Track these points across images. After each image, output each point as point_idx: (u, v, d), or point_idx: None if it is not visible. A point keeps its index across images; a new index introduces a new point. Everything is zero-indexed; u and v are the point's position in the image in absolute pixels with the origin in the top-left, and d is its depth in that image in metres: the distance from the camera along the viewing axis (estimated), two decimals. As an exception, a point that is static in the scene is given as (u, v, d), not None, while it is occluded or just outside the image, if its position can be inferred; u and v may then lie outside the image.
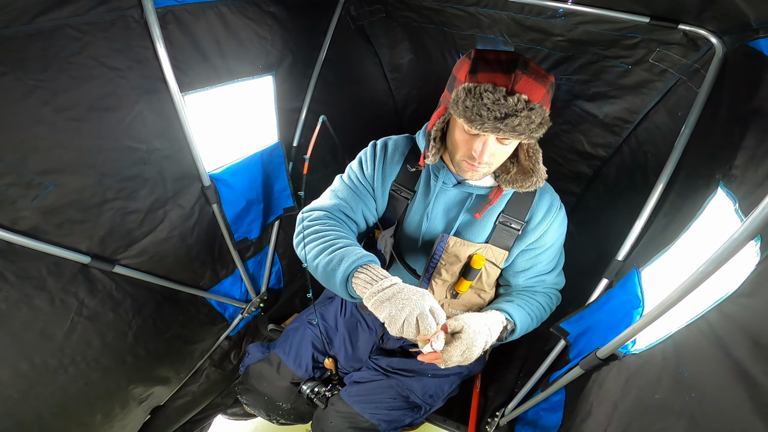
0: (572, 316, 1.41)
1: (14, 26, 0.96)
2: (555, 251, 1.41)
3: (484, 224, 1.33)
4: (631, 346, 1.08)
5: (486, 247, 1.33)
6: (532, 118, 0.99)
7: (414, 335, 1.00)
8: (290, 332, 1.71)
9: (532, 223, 1.33)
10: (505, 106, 0.98)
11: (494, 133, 1.02)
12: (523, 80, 0.99)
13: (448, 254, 1.33)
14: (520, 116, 0.98)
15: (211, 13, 1.40)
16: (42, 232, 1.19)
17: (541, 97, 1.01)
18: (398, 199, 1.39)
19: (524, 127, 1.00)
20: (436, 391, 1.51)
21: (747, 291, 0.70)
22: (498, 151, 1.12)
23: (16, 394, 1.24)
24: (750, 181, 0.88)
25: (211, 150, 1.61)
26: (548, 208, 1.33)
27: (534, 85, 1.00)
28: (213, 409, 2.26)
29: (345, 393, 1.49)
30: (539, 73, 1.02)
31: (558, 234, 1.39)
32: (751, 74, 1.12)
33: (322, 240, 1.21)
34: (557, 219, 1.36)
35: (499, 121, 0.99)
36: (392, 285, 1.05)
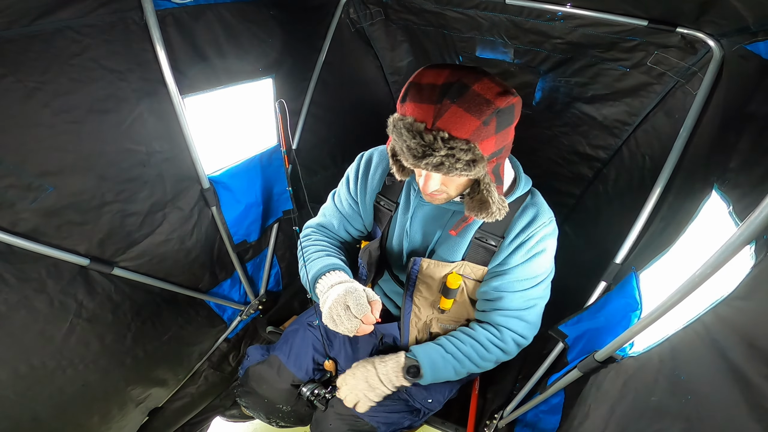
0: (570, 319, 1.41)
1: (14, 28, 0.96)
2: (527, 269, 1.22)
3: (460, 241, 1.27)
4: (629, 349, 1.08)
5: (463, 264, 1.28)
6: (457, 156, 0.89)
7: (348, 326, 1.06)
8: (290, 334, 1.70)
9: (508, 238, 1.22)
10: (422, 145, 0.90)
11: (421, 168, 0.96)
12: (448, 112, 0.88)
13: (423, 276, 1.33)
14: (438, 155, 0.90)
15: (211, 16, 1.41)
16: (41, 235, 1.19)
17: (471, 132, 0.88)
18: (382, 210, 1.39)
19: (448, 167, 0.91)
20: (435, 396, 1.51)
21: (742, 294, 0.70)
22: (446, 182, 1.05)
23: (14, 395, 1.24)
24: (744, 184, 0.88)
25: (211, 152, 1.61)
26: (528, 223, 1.21)
27: (461, 118, 0.88)
28: (211, 411, 2.25)
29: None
30: (479, 100, 0.89)
31: (534, 249, 1.20)
32: (748, 77, 1.13)
33: (307, 253, 1.33)
34: (536, 234, 1.19)
35: (418, 160, 0.92)
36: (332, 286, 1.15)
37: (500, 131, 0.94)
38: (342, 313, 1.06)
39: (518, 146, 2.52)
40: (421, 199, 1.30)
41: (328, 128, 2.25)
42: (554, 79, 1.95)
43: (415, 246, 1.37)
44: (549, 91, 2.04)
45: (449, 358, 1.30)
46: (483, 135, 0.90)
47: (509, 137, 1.01)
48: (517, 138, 2.53)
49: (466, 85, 0.89)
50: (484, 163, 0.94)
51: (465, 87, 0.89)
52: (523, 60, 1.93)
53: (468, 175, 0.95)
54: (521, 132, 2.36)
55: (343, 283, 1.16)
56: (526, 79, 2.03)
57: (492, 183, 1.02)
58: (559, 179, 2.43)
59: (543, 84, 2.02)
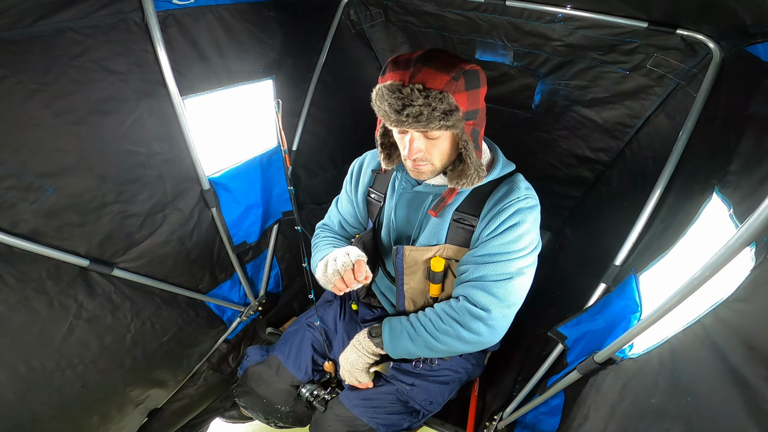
0: (570, 321, 1.42)
1: (16, 29, 0.97)
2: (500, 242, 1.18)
3: (441, 224, 1.29)
4: (628, 351, 1.08)
5: (445, 247, 1.30)
6: (433, 105, 0.98)
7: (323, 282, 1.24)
8: (289, 335, 1.71)
9: (482, 216, 1.24)
10: (401, 98, 0.99)
11: (401, 126, 1.04)
12: (422, 72, 0.99)
13: (408, 264, 1.35)
14: (417, 105, 0.98)
15: (211, 17, 1.41)
16: (41, 236, 1.19)
17: (444, 84, 0.98)
18: (373, 203, 1.47)
19: (426, 116, 0.99)
20: (435, 398, 1.50)
21: (742, 296, 0.70)
22: (429, 146, 1.11)
23: (13, 395, 1.24)
24: (744, 187, 0.88)
25: (211, 154, 1.61)
26: (501, 197, 1.22)
27: (434, 74, 0.99)
28: (211, 413, 2.25)
29: (344, 397, 1.48)
30: (446, 62, 1.01)
31: (509, 222, 1.18)
32: (748, 79, 1.13)
33: (315, 247, 1.49)
34: (510, 207, 1.18)
35: (399, 114, 1.01)
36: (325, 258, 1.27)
37: (470, 90, 1.03)
38: (324, 272, 1.22)
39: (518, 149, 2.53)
40: (405, 185, 1.35)
41: (328, 129, 2.25)
42: (554, 82, 1.95)
43: (401, 233, 1.40)
44: (548, 94, 2.04)
45: (407, 324, 1.29)
46: (454, 88, 0.99)
47: (480, 101, 1.09)
48: (516, 141, 2.55)
49: (434, 55, 1.03)
50: (460, 116, 1.02)
51: (434, 55, 1.03)
52: (523, 63, 1.93)
53: (448, 124, 1.01)
54: (521, 135, 2.39)
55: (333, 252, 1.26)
56: (526, 82, 2.03)
57: (470, 142, 1.09)
58: (559, 182, 2.43)
59: (542, 87, 2.02)
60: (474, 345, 1.21)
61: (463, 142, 1.09)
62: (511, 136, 2.43)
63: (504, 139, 2.44)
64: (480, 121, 1.12)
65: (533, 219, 1.21)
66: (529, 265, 1.21)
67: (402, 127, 1.05)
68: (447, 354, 1.27)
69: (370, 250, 1.47)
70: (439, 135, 1.08)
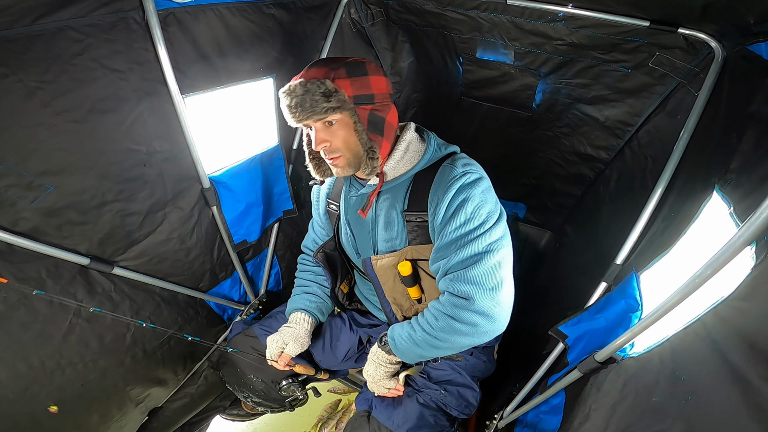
0: (570, 320, 1.41)
1: (16, 28, 0.96)
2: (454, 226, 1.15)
3: (393, 228, 1.30)
4: (629, 350, 1.08)
5: (409, 249, 1.29)
6: (312, 90, 1.07)
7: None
8: (275, 314, 1.78)
9: (430, 206, 1.22)
10: (288, 94, 1.10)
11: (296, 118, 1.11)
12: (307, 71, 1.11)
13: (380, 273, 1.37)
14: (299, 95, 1.08)
15: (212, 15, 1.41)
16: (42, 234, 1.19)
17: (322, 74, 1.08)
18: (332, 213, 1.53)
19: (309, 102, 1.07)
20: (469, 400, 1.47)
21: (742, 294, 0.70)
22: (331, 135, 1.15)
23: (13, 394, 1.24)
24: (745, 185, 0.88)
25: (211, 152, 1.61)
26: (440, 180, 1.20)
27: (314, 69, 1.10)
28: (211, 411, 2.25)
29: (384, 417, 1.41)
30: (331, 60, 1.13)
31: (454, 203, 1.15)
32: (749, 78, 1.13)
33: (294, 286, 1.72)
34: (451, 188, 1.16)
35: (290, 108, 1.10)
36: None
37: (353, 76, 1.10)
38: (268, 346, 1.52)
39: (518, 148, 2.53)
40: (349, 191, 1.39)
41: None
42: (555, 82, 1.95)
43: (360, 240, 1.44)
44: (549, 93, 2.04)
45: (408, 329, 1.28)
46: (333, 75, 1.08)
47: (373, 88, 1.13)
48: (517, 140, 2.55)
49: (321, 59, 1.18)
50: (343, 97, 1.08)
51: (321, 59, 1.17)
52: (524, 62, 1.92)
53: (330, 106, 1.08)
54: (521, 134, 2.38)
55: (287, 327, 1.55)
56: (527, 82, 2.03)
57: (362, 123, 1.13)
58: (560, 180, 2.43)
59: (543, 86, 2.02)
60: (475, 336, 1.15)
61: (354, 123, 1.14)
62: (512, 135, 2.43)
63: (505, 138, 2.47)
64: (381, 107, 1.15)
65: (480, 192, 1.16)
66: (498, 239, 1.15)
67: (298, 120, 1.12)
68: (454, 350, 1.24)
69: (335, 259, 1.57)
70: (335, 120, 1.13)
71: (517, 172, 2.67)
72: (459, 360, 1.52)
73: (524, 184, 2.73)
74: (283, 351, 1.52)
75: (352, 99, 1.10)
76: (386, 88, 1.16)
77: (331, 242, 1.55)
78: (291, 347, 1.50)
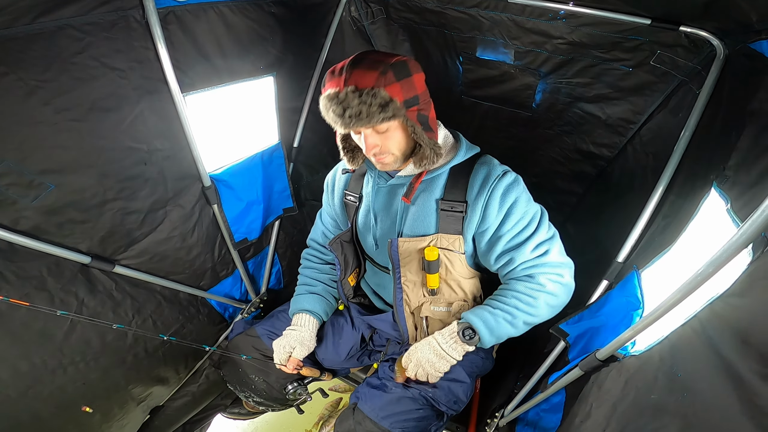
0: (572, 318, 1.41)
1: (16, 26, 0.96)
2: (512, 224, 1.28)
3: (426, 214, 1.34)
4: (630, 348, 1.08)
5: (437, 237, 1.34)
6: (368, 101, 1.06)
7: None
8: (277, 313, 1.77)
9: (470, 201, 1.30)
10: (339, 103, 1.08)
11: (349, 128, 1.12)
12: (352, 75, 1.07)
13: (403, 256, 1.38)
14: (354, 106, 1.06)
15: (212, 14, 1.41)
16: (42, 232, 1.19)
17: (374, 81, 1.06)
18: (349, 205, 1.55)
19: (365, 113, 1.07)
20: (459, 396, 1.47)
21: (738, 291, 0.70)
22: (383, 139, 1.18)
23: (15, 393, 1.24)
24: (742, 182, 0.88)
25: (212, 150, 1.61)
26: (483, 180, 1.29)
27: (363, 74, 1.07)
28: (212, 410, 2.25)
29: (369, 409, 1.41)
30: (373, 61, 1.09)
31: (506, 203, 1.27)
32: (751, 75, 1.12)
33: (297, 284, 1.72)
34: (497, 189, 1.27)
35: (342, 118, 1.09)
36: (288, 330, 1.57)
37: (401, 79, 1.10)
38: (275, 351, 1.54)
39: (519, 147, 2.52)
40: (379, 181, 1.41)
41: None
42: (555, 81, 1.94)
43: (384, 227, 1.44)
44: (550, 92, 2.03)
45: (498, 312, 1.29)
46: (384, 82, 1.07)
47: (416, 88, 1.14)
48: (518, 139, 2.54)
49: (362, 57, 1.11)
50: (397, 105, 1.09)
51: (361, 58, 1.11)
52: (524, 61, 1.92)
53: (387, 116, 1.08)
54: (522, 133, 2.38)
55: (292, 330, 1.56)
56: (527, 82, 2.02)
57: (417, 125, 1.16)
58: (561, 178, 2.42)
59: (543, 86, 2.01)
60: (558, 307, 1.32)
61: (411, 128, 1.16)
62: (513, 134, 2.42)
63: (505, 137, 2.46)
64: (424, 105, 1.18)
65: (523, 189, 1.31)
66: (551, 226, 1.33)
67: (351, 129, 1.13)
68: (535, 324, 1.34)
69: (349, 250, 1.58)
70: (387, 127, 1.15)
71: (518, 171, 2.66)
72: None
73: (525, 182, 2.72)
74: (290, 355, 1.53)
75: (403, 104, 1.11)
76: (425, 85, 1.19)
77: (347, 233, 1.56)
78: (298, 351, 1.52)
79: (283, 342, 1.53)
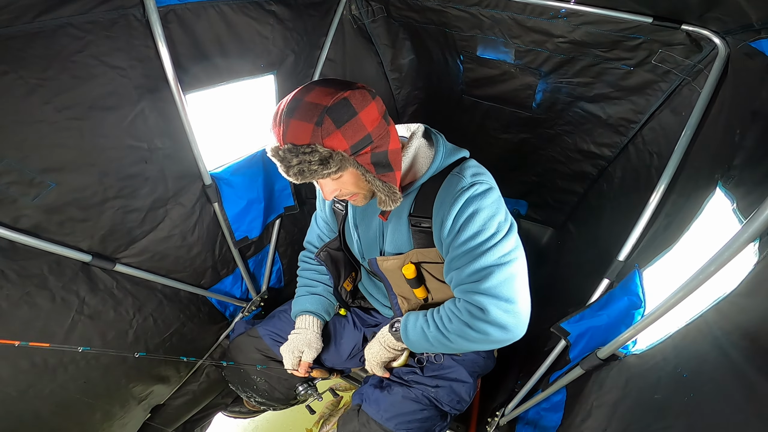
0: (573, 316, 1.41)
1: (16, 25, 0.96)
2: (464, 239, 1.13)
3: (401, 231, 1.29)
4: (631, 347, 1.08)
5: (414, 252, 1.29)
6: (307, 159, 0.97)
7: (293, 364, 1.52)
8: (278, 314, 1.77)
9: (435, 214, 1.20)
10: (282, 160, 1.00)
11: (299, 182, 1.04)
12: (289, 128, 0.97)
13: (387, 272, 1.39)
14: (294, 165, 0.98)
15: (212, 12, 1.41)
16: (43, 231, 1.19)
17: (309, 135, 0.95)
18: (338, 212, 1.52)
19: (308, 171, 0.99)
20: (462, 396, 1.48)
21: (744, 291, 0.70)
22: (340, 185, 1.11)
23: (16, 392, 1.24)
24: (748, 182, 0.88)
25: (213, 149, 1.61)
26: (447, 192, 1.17)
27: (297, 129, 0.96)
28: (213, 408, 2.26)
29: (373, 411, 1.43)
30: (309, 107, 0.96)
31: (462, 216, 1.13)
32: (752, 74, 1.12)
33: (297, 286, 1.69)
34: (458, 201, 1.13)
35: (287, 174, 1.02)
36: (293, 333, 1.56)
37: (343, 125, 0.97)
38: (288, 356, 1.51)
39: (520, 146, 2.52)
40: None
41: None
42: (556, 81, 1.94)
43: (367, 243, 1.43)
44: (550, 92, 2.03)
45: (422, 321, 1.26)
46: (322, 134, 0.95)
47: (366, 126, 1.01)
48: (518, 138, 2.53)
49: (299, 99, 0.99)
50: (341, 157, 0.98)
51: (298, 101, 0.98)
52: (525, 61, 1.92)
53: (331, 171, 1.00)
54: (523, 133, 2.37)
55: (297, 333, 1.55)
56: (527, 81, 2.02)
57: (369, 172, 1.05)
58: (562, 177, 2.42)
59: (544, 85, 2.01)
60: (487, 344, 1.15)
61: (363, 174, 1.06)
62: (513, 133, 2.43)
63: (506, 136, 2.46)
64: (379, 141, 1.05)
65: (490, 203, 1.13)
66: (510, 251, 1.12)
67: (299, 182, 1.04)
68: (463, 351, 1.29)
69: (338, 258, 1.58)
70: (339, 175, 1.06)
71: (518, 170, 2.67)
72: (458, 355, 1.52)
73: (525, 181, 2.73)
74: (299, 359, 1.52)
75: (350, 151, 1.00)
76: (379, 115, 1.04)
77: (335, 241, 1.55)
78: (307, 354, 1.52)
79: (290, 347, 1.52)
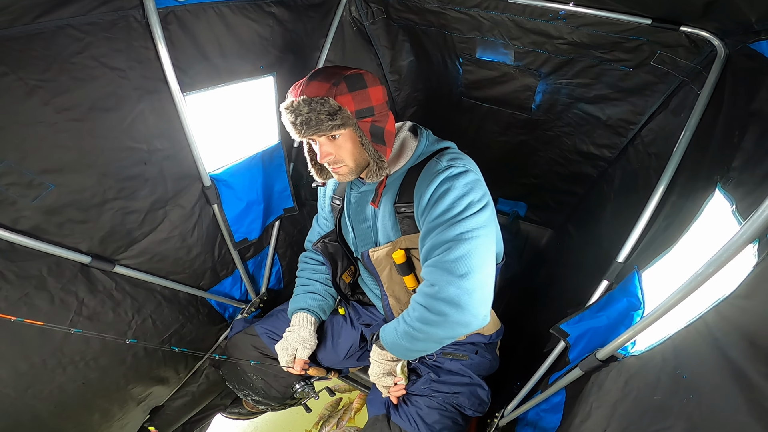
0: (572, 318, 1.41)
1: (16, 26, 0.96)
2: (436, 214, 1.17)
3: (389, 219, 1.36)
4: (630, 348, 1.08)
5: (402, 239, 1.35)
6: (317, 109, 1.11)
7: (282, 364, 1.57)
8: (276, 313, 1.80)
9: (415, 199, 1.26)
10: (292, 111, 1.14)
11: (302, 135, 1.17)
12: (309, 85, 1.14)
13: (377, 265, 1.44)
14: (304, 113, 1.12)
15: (212, 14, 1.41)
16: (42, 232, 1.19)
17: (325, 91, 1.11)
18: (335, 208, 1.59)
19: (315, 120, 1.12)
20: (482, 398, 1.49)
21: (744, 292, 0.70)
22: (335, 148, 1.21)
23: (14, 393, 1.24)
24: (747, 183, 0.88)
25: (212, 150, 1.61)
26: (425, 175, 1.24)
27: (316, 85, 1.13)
28: (212, 409, 2.26)
29: (403, 420, 1.41)
30: (329, 74, 1.15)
31: (437, 193, 1.18)
32: (752, 76, 1.12)
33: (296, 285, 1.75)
34: (434, 181, 1.18)
35: (294, 125, 1.15)
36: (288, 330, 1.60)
37: (354, 91, 1.14)
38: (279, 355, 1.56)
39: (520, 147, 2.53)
40: (353, 189, 1.47)
41: None
42: (555, 82, 1.94)
43: (361, 234, 1.48)
44: (550, 93, 2.03)
45: (394, 323, 1.29)
46: (336, 92, 1.12)
47: (372, 99, 1.18)
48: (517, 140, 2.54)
49: (321, 71, 1.18)
50: (347, 114, 1.13)
51: (320, 72, 1.17)
52: (524, 62, 1.92)
53: (335, 124, 1.13)
54: (522, 134, 2.37)
55: (291, 331, 1.58)
56: (527, 83, 2.02)
57: (366, 136, 1.19)
58: (562, 179, 2.42)
59: (543, 87, 2.01)
60: (448, 327, 1.11)
61: (360, 137, 1.20)
62: (513, 135, 2.43)
63: (505, 138, 2.46)
64: (380, 117, 1.21)
65: (464, 183, 1.16)
66: (474, 228, 1.12)
67: (305, 136, 1.18)
68: (435, 343, 1.20)
69: (336, 249, 1.62)
70: (340, 136, 1.19)
71: (517, 172, 2.67)
72: (465, 359, 1.53)
73: (525, 183, 2.73)
74: (294, 356, 1.55)
75: (355, 114, 1.15)
76: (383, 98, 1.22)
77: (332, 234, 1.59)
78: (301, 351, 1.54)
79: (285, 344, 1.55)
